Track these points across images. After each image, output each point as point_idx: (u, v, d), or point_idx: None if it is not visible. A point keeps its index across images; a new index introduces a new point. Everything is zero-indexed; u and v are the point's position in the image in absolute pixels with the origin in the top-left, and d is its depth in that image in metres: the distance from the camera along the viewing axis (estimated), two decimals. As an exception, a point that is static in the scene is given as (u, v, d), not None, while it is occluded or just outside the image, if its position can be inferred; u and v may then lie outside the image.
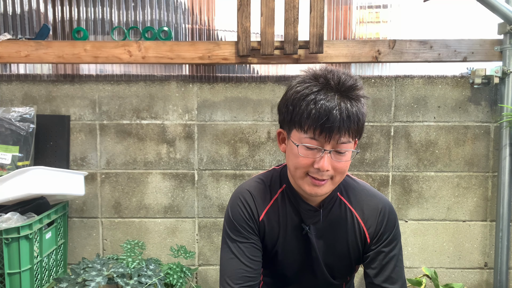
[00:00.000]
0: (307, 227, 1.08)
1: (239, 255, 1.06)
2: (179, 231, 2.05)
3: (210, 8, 2.04)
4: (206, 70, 2.02)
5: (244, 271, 1.05)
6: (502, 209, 1.92)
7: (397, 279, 1.08)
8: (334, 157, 0.95)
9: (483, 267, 2.04)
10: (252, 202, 1.09)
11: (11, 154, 1.83)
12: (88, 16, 2.03)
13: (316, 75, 0.96)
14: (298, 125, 0.95)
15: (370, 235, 1.10)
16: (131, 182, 2.02)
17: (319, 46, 1.84)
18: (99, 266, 1.69)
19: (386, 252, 1.08)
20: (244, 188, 1.12)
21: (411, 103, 1.98)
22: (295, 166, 0.98)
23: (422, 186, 2.01)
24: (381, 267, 1.08)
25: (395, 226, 1.10)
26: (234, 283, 1.04)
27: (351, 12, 2.06)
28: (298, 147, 0.95)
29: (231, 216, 1.09)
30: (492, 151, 1.98)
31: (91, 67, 2.07)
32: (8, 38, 1.91)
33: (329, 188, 1.00)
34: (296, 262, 1.13)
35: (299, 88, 0.96)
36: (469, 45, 1.91)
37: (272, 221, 1.10)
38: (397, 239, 1.11)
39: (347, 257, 1.13)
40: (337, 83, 0.93)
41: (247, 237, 1.07)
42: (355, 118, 0.93)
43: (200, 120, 2.00)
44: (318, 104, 0.91)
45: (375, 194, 1.12)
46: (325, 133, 0.92)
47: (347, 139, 0.94)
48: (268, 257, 1.14)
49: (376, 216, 1.09)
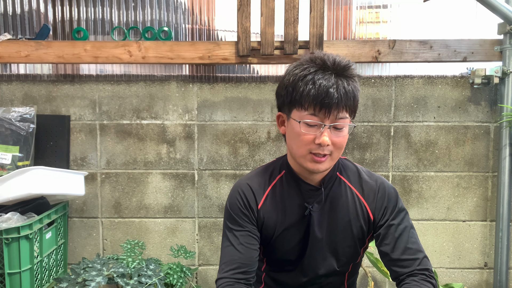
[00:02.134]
0: (310, 206, 1.10)
1: (234, 243, 1.10)
2: (179, 231, 2.05)
3: (210, 8, 2.04)
4: (206, 70, 2.02)
5: (238, 257, 1.08)
6: (502, 209, 1.92)
7: (416, 250, 1.07)
8: (333, 132, 1.00)
9: (483, 267, 2.04)
10: (250, 192, 1.13)
11: (11, 154, 1.83)
12: (88, 16, 2.03)
13: (312, 58, 1.02)
14: (299, 105, 1.00)
15: (372, 212, 1.11)
16: (131, 182, 2.02)
17: (319, 46, 1.84)
18: (99, 266, 1.69)
19: (396, 225, 1.09)
20: (242, 181, 1.16)
21: (411, 103, 1.98)
22: (297, 144, 1.03)
23: (422, 186, 2.01)
24: (395, 240, 1.08)
25: (398, 199, 1.12)
26: (228, 269, 1.07)
27: (351, 12, 2.06)
28: (300, 124, 1.00)
29: (229, 207, 1.14)
30: (492, 151, 1.98)
31: (91, 67, 2.07)
32: (8, 38, 1.91)
33: (329, 164, 1.04)
34: (297, 247, 1.14)
35: (297, 71, 1.02)
36: (469, 45, 1.91)
37: (272, 207, 1.12)
38: (404, 211, 1.11)
39: (350, 236, 1.13)
40: (333, 63, 1.00)
41: (242, 225, 1.11)
42: (351, 94, 0.99)
43: (200, 120, 2.00)
44: (317, 83, 0.97)
45: (372, 173, 1.17)
46: (325, 109, 0.98)
47: (345, 114, 1.00)
48: (269, 243, 1.15)
49: (375, 192, 1.12)
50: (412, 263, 1.06)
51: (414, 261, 1.06)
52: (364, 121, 1.99)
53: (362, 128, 1.99)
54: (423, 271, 1.05)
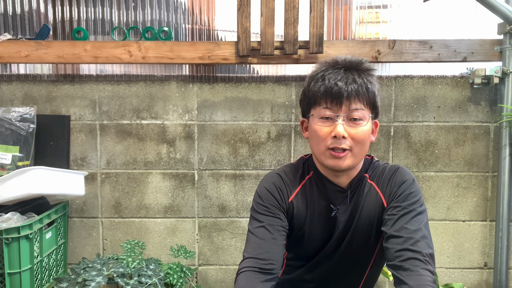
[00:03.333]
0: (336, 208, 1.10)
1: (266, 226, 1.06)
2: (179, 231, 2.05)
3: (210, 8, 2.04)
4: (206, 70, 2.02)
5: (265, 242, 1.04)
6: (502, 209, 1.92)
7: (415, 230, 0.97)
8: (349, 124, 1.01)
9: (483, 267, 2.04)
10: (282, 184, 1.12)
11: (11, 154, 1.83)
12: (88, 16, 2.03)
13: (326, 60, 1.07)
14: (314, 102, 1.04)
15: (385, 198, 1.08)
16: (131, 182, 2.02)
17: (319, 46, 1.84)
18: (99, 266, 1.69)
19: (402, 207, 1.02)
20: (274, 173, 1.16)
21: (411, 103, 1.98)
22: (316, 141, 1.04)
23: (422, 186, 2.01)
24: (395, 220, 1.01)
25: (412, 185, 1.05)
26: (252, 251, 1.04)
27: (351, 12, 2.06)
28: (316, 119, 1.03)
29: (260, 195, 1.11)
30: (492, 151, 1.98)
31: (91, 67, 2.07)
32: (8, 38, 1.91)
33: (351, 161, 1.03)
34: (319, 246, 1.14)
35: (311, 74, 1.07)
36: (469, 45, 1.91)
37: (300, 205, 1.12)
38: (416, 196, 1.03)
39: (370, 235, 1.09)
40: (343, 61, 1.04)
41: (273, 212, 1.09)
42: (363, 85, 1.00)
43: (200, 120, 2.00)
44: (326, 78, 1.01)
45: (393, 165, 1.13)
46: (336, 101, 1.00)
47: (359, 105, 1.01)
48: (294, 240, 1.15)
49: (388, 178, 1.09)
50: (404, 240, 0.97)
51: (408, 240, 0.96)
52: (364, 121, 1.99)
53: (362, 128, 1.99)
54: (415, 253, 0.95)
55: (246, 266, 1.02)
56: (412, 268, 0.93)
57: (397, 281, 0.95)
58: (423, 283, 0.90)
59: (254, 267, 1.01)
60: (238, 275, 1.02)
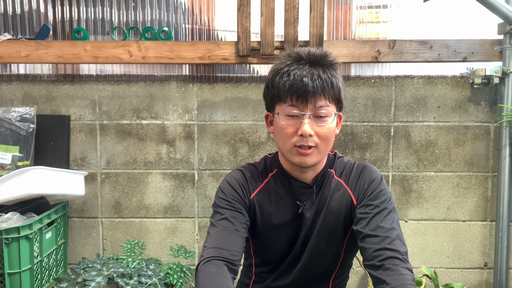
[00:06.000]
0: (303, 204, 1.09)
1: (229, 218, 1.05)
2: (179, 231, 2.05)
3: (210, 8, 2.04)
4: (206, 70, 2.02)
5: (228, 232, 1.04)
6: (502, 209, 1.92)
7: (389, 229, 0.99)
8: (315, 122, 1.00)
9: (483, 267, 2.04)
10: (244, 180, 1.12)
11: (11, 154, 1.83)
12: (88, 16, 2.03)
13: (289, 53, 1.04)
14: (278, 98, 1.02)
15: (355, 196, 1.08)
16: (131, 182, 2.02)
17: (319, 46, 1.84)
18: (99, 266, 1.69)
19: (374, 205, 1.04)
20: (237, 169, 1.15)
21: (411, 103, 1.98)
22: (283, 139, 1.03)
23: (422, 186, 2.01)
24: (369, 218, 1.02)
25: (381, 183, 1.07)
26: (215, 242, 1.03)
27: (351, 12, 2.06)
28: (281, 116, 1.01)
29: (222, 190, 1.11)
30: (492, 151, 1.98)
31: (91, 67, 2.07)
32: (8, 38, 1.91)
33: (317, 158, 1.03)
34: (287, 247, 1.13)
35: (274, 67, 1.04)
36: (469, 45, 1.91)
37: (264, 203, 1.11)
38: (386, 194, 1.06)
39: (339, 233, 1.10)
40: (307, 54, 1.01)
41: (235, 207, 1.08)
42: (328, 81, 0.99)
43: (200, 120, 2.00)
44: (291, 74, 0.99)
45: (360, 162, 1.14)
46: (302, 98, 0.98)
47: (324, 102, 0.99)
48: (259, 241, 1.14)
49: (357, 175, 1.09)
50: (382, 240, 0.97)
51: (385, 239, 0.97)
52: (364, 121, 1.99)
53: (362, 128, 1.99)
54: (394, 252, 0.95)
55: (211, 256, 1.00)
56: (392, 267, 0.93)
57: (376, 281, 0.95)
58: (405, 283, 0.90)
59: (218, 256, 1.00)
60: (203, 264, 0.99)
